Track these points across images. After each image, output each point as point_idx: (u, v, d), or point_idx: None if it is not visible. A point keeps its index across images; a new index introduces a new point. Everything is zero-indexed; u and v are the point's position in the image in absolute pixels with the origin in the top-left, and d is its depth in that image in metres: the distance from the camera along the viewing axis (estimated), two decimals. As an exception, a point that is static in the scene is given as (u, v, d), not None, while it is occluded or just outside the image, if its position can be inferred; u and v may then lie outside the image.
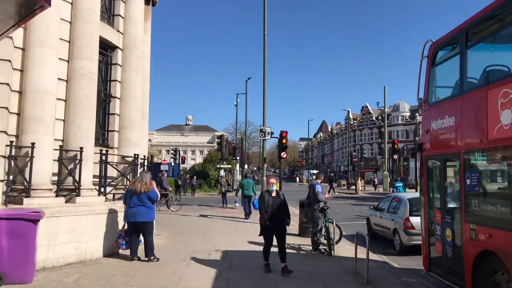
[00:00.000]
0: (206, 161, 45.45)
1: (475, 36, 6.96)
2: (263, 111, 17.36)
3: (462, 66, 6.91)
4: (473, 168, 6.66)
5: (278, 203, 8.77)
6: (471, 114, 6.60)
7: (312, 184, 11.45)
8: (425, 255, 8.07)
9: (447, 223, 7.19)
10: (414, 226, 11.25)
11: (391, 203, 13.37)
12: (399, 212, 12.37)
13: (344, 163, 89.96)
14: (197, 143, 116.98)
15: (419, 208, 10.72)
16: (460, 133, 6.85)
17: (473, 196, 6.53)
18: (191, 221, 17.15)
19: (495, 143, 6.05)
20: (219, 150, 26.65)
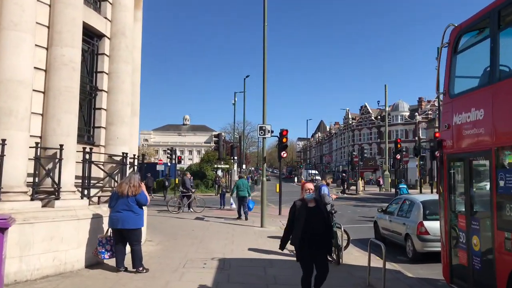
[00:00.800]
0: (203, 161, 44.40)
1: (510, 16, 6.12)
2: (263, 107, 16.38)
3: (493, 52, 6.07)
4: (508, 167, 5.79)
5: (318, 217, 6.30)
6: (506, 105, 5.77)
7: (318, 185, 10.47)
8: (446, 264, 7.14)
9: (474, 229, 6.33)
10: (428, 231, 10.43)
11: (402, 206, 12.43)
12: (412, 215, 11.41)
13: (342, 163, 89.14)
14: (195, 143, 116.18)
15: (433, 212, 10.37)
16: (491, 127, 6.00)
17: (508, 200, 5.58)
18: (186, 224, 16.13)
19: None
20: (216, 150, 25.64)
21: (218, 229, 14.89)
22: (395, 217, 12.54)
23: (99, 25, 10.24)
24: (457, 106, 6.87)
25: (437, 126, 49.29)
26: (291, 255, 10.70)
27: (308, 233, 6.14)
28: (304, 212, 6.26)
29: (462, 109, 6.67)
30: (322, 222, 6.33)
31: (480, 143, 6.23)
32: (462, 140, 6.72)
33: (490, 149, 5.92)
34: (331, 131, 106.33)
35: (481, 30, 6.77)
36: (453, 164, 7.18)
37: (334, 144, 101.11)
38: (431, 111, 74.78)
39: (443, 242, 7.23)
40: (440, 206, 7.40)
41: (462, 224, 6.67)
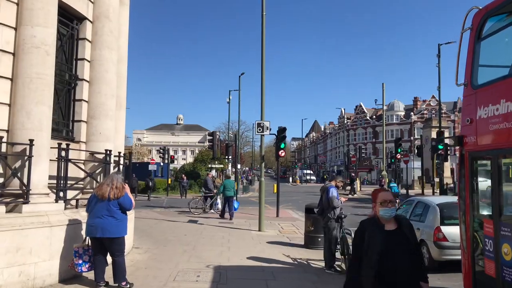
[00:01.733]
0: (196, 160, 43.20)
1: None
2: (261, 103, 15.22)
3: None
4: None
5: (401, 247, 3.91)
6: None
7: (326, 187, 9.36)
8: (468, 275, 6.16)
9: (505, 236, 5.40)
10: (447, 237, 9.37)
11: (415, 209, 11.34)
12: (427, 220, 10.31)
13: (337, 163, 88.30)
14: (188, 143, 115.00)
15: (451, 216, 9.54)
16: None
17: None
18: (178, 228, 14.95)
19: None
20: (210, 149, 24.44)
21: (212, 234, 13.73)
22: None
23: (80, 5, 9.05)
24: (482, 98, 6.06)
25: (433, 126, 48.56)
26: (294, 264, 9.59)
27: (386, 272, 3.76)
28: (380, 238, 3.90)
29: (489, 101, 5.82)
30: (407, 254, 3.89)
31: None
32: (489, 135, 5.87)
33: None
34: (325, 131, 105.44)
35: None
36: (477, 163, 6.37)
37: (329, 144, 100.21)
38: (426, 111, 74.31)
39: (465, 249, 6.27)
40: (460, 209, 6.46)
41: (489, 230, 5.77)
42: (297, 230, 15.25)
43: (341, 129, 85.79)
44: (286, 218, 19.69)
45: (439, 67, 30.58)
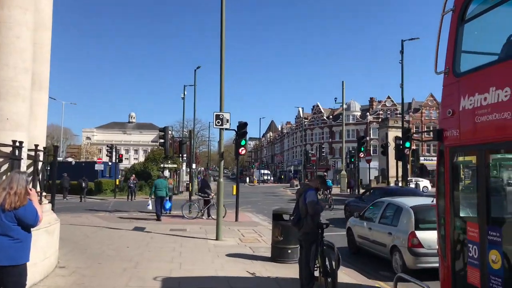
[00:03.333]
0: (148, 160, 40.34)
1: None
2: (220, 90, 13.17)
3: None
4: None
5: None
6: None
7: (303, 190, 7.46)
8: (447, 284, 5.49)
9: (493, 242, 4.79)
10: (422, 243, 8.59)
11: (386, 211, 10.42)
12: (400, 224, 9.45)
13: (294, 163, 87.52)
14: (141, 142, 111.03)
15: (427, 220, 8.92)
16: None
17: None
18: (120, 238, 12.67)
19: None
20: (162, 146, 22.10)
21: (161, 245, 11.56)
22: (376, 224, 10.49)
23: None
24: (466, 87, 5.36)
25: (390, 126, 48.39)
26: (262, 285, 7.65)
27: None
28: None
29: (474, 90, 5.13)
30: None
31: (504, 132, 4.64)
32: (475, 128, 5.17)
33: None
34: (283, 131, 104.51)
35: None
36: (459, 159, 5.74)
37: (286, 143, 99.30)
38: (381, 111, 75.01)
39: (444, 256, 5.62)
40: (439, 212, 5.83)
41: (473, 235, 5.10)
42: (259, 238, 13.35)
43: (298, 129, 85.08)
44: (246, 222, 17.76)
45: (402, 64, 29.79)
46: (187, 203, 19.31)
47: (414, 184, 25.51)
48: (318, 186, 7.55)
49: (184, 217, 18.30)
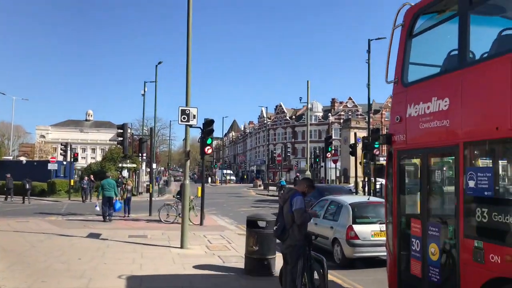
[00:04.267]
0: (105, 159, 38.19)
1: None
2: (186, 84, 11.91)
3: (462, 32, 5.11)
4: (480, 166, 5.04)
5: None
6: (478, 94, 4.83)
7: (288, 195, 6.34)
8: (394, 275, 6.18)
9: (433, 236, 5.41)
10: (358, 235, 9.80)
11: (329, 208, 11.52)
12: (340, 219, 10.59)
13: (257, 163, 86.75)
14: (98, 141, 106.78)
15: (362, 215, 10.35)
16: (459, 119, 5.06)
17: (479, 203, 4.72)
18: (72, 248, 11.17)
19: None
20: (120, 144, 20.50)
21: (118, 255, 10.18)
22: (320, 220, 11.41)
23: None
24: (412, 96, 5.97)
25: (352, 127, 48.46)
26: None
27: None
28: None
29: (420, 99, 5.73)
30: None
31: (444, 138, 5.31)
32: (419, 134, 5.79)
33: (457, 144, 5.02)
34: (245, 131, 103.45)
35: (444, 10, 5.91)
36: (405, 162, 6.38)
37: (249, 143, 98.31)
38: (343, 112, 75.49)
39: (390, 250, 6.30)
40: (387, 209, 6.53)
41: (416, 230, 5.75)
42: (229, 245, 12.20)
43: (261, 129, 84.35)
44: (212, 227, 16.56)
45: (368, 63, 29.37)
46: (164, 206, 17.83)
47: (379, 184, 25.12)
48: (305, 190, 6.47)
49: (161, 221, 17.07)
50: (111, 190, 17.56)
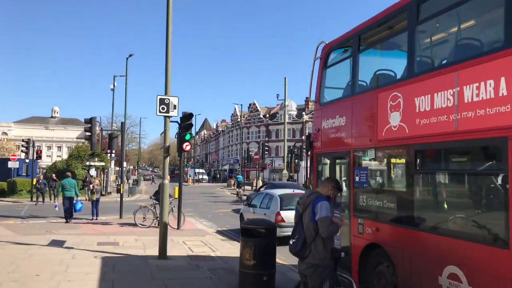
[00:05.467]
0: (71, 157, 35.77)
1: (367, 40, 7.16)
2: (165, 69, 10.33)
3: (354, 69, 7.15)
4: (362, 166, 6.89)
5: None
6: (361, 115, 6.83)
7: (309, 200, 4.93)
8: None
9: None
10: (284, 219, 12.09)
11: (263, 199, 14.03)
12: (271, 207, 13.08)
13: (230, 162, 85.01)
14: (65, 138, 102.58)
15: (288, 203, 12.52)
16: (350, 132, 7.04)
17: (361, 192, 6.75)
18: (28, 260, 9.40)
19: (384, 143, 6.24)
20: (88, 140, 18.60)
21: (86, 269, 8.51)
22: (258, 208, 13.92)
23: None
24: (325, 113, 7.83)
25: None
26: None
27: None
28: None
29: (329, 116, 7.63)
30: None
31: (342, 145, 7.25)
32: (328, 142, 7.69)
33: (349, 150, 7.00)
34: (218, 129, 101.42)
35: (346, 49, 7.68)
36: (321, 162, 8.14)
37: (222, 142, 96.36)
38: (317, 111, 74.71)
39: None
40: None
41: None
42: (213, 253, 10.75)
43: (235, 127, 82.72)
44: (191, 231, 15.03)
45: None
46: (140, 208, 16.13)
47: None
48: (330, 194, 5.08)
49: (137, 225, 15.51)
50: (72, 190, 16.77)
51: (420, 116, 5.40)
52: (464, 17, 5.61)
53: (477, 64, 4.68)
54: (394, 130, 5.88)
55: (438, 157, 5.75)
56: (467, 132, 4.72)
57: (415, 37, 5.81)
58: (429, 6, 5.70)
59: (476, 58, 4.77)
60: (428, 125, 5.27)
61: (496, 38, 4.79)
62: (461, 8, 5.24)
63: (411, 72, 5.77)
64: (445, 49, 5.96)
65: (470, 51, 5.14)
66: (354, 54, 7.16)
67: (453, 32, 5.90)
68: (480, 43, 5.19)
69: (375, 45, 7.35)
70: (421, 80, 5.50)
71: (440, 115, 5.10)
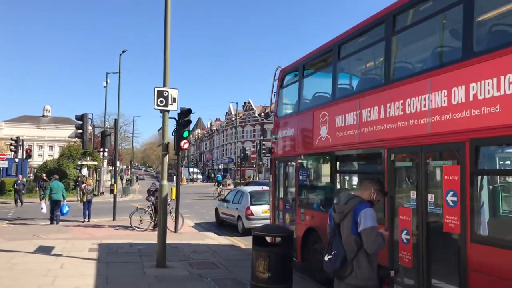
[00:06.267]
0: (63, 156, 34.62)
1: (309, 68, 9.08)
2: (164, 59, 9.36)
3: (299, 91, 9.06)
4: (303, 168, 8.88)
5: None
6: (304, 128, 8.67)
7: (350, 208, 3.99)
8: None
9: (287, 209, 9.34)
10: (253, 213, 14.24)
11: (236, 195, 16.00)
12: (242, 202, 14.94)
13: (224, 161, 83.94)
14: (57, 138, 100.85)
15: (257, 199, 14.80)
16: (296, 141, 9.02)
17: (303, 189, 8.78)
18: (11, 272, 8.34)
19: (317, 150, 8.13)
20: (80, 138, 17.55)
21: (76, 281, 7.52)
22: (231, 203, 16.02)
23: None
24: (281, 125, 9.83)
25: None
26: None
27: None
28: None
29: (283, 127, 9.64)
30: None
31: (291, 151, 9.23)
32: (283, 149, 9.69)
33: (295, 155, 8.97)
34: (212, 128, 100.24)
35: (296, 74, 9.46)
36: (277, 165, 10.04)
37: (216, 141, 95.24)
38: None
39: (271, 219, 10.16)
40: (270, 195, 10.45)
41: (281, 206, 9.73)
42: (216, 261, 9.79)
43: (229, 126, 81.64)
44: (189, 234, 14.08)
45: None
46: (137, 210, 15.16)
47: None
48: (373, 199, 4.15)
49: (133, 228, 14.58)
50: (59, 194, 16.41)
51: (338, 130, 7.30)
52: (366, 58, 7.57)
53: (371, 94, 6.51)
54: (323, 140, 7.82)
55: (349, 161, 7.85)
56: (365, 142, 6.59)
57: (337, 71, 7.76)
58: (346, 48, 7.55)
59: (369, 90, 6.69)
60: (342, 137, 7.17)
61: (379, 77, 6.75)
62: (362, 53, 7.35)
63: (333, 97, 7.71)
64: (354, 83, 8.07)
65: (368, 85, 7.15)
66: (300, 79, 9.08)
67: (360, 69, 8.11)
68: (369, 80, 7.40)
69: (315, 72, 9.17)
70: (339, 104, 7.41)
71: (349, 130, 6.97)
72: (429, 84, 5.22)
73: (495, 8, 4.93)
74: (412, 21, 5.91)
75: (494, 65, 4.38)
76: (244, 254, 10.55)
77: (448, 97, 4.91)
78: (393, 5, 6.06)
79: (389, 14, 6.07)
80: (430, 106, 5.17)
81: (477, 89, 4.54)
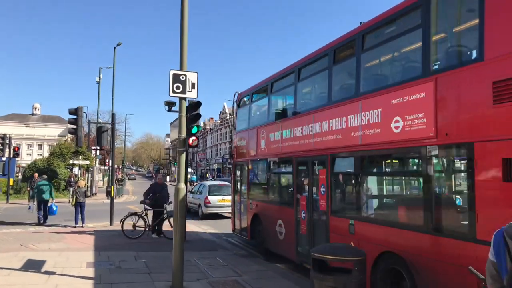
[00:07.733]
0: (53, 155, 32.72)
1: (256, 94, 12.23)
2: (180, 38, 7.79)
3: (249, 112, 12.54)
4: (252, 170, 12.20)
5: None
6: (251, 140, 12.01)
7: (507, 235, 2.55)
8: (233, 222, 13.45)
9: (243, 201, 12.53)
10: (210, 202, 19.13)
11: (199, 187, 21.41)
12: (203, 193, 19.96)
13: (219, 161, 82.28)
14: (46, 136, 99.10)
15: (214, 190, 19.85)
16: (247, 149, 12.39)
17: (251, 185, 12.14)
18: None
19: (260, 156, 11.38)
20: (73, 134, 15.72)
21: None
22: (195, 194, 21.02)
23: None
24: (238, 137, 13.26)
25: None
26: None
27: None
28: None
29: (239, 138, 13.10)
30: None
31: (244, 157, 12.54)
32: (239, 154, 13.05)
33: (247, 160, 12.29)
34: (205, 127, 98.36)
35: (248, 98, 12.64)
36: (237, 167, 13.32)
37: (209, 140, 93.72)
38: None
39: (232, 210, 13.64)
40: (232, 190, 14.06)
41: (238, 199, 13.02)
42: (240, 279, 8.23)
43: (223, 125, 80.00)
44: (197, 242, 12.95)
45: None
46: (129, 215, 13.55)
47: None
48: None
49: (125, 236, 13.13)
50: (47, 193, 16.36)
51: (271, 143, 10.61)
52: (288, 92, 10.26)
53: (292, 119, 9.64)
54: (262, 150, 11.13)
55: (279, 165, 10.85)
56: (285, 153, 9.87)
57: (271, 103, 11.09)
58: (278, 84, 10.72)
59: (291, 116, 9.81)
60: (273, 148, 10.48)
61: (290, 109, 10.12)
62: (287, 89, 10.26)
63: (269, 118, 10.96)
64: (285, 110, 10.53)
65: (287, 113, 10.17)
66: (250, 103, 12.53)
67: (287, 103, 10.70)
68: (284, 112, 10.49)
69: (259, 99, 12.20)
70: (271, 125, 10.68)
71: (276, 144, 10.29)
72: (313, 118, 8.58)
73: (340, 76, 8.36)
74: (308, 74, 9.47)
75: (339, 110, 7.69)
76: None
77: (321, 127, 8.24)
78: (298, 61, 9.65)
79: (296, 68, 9.62)
80: (313, 131, 8.56)
81: (332, 123, 7.86)
